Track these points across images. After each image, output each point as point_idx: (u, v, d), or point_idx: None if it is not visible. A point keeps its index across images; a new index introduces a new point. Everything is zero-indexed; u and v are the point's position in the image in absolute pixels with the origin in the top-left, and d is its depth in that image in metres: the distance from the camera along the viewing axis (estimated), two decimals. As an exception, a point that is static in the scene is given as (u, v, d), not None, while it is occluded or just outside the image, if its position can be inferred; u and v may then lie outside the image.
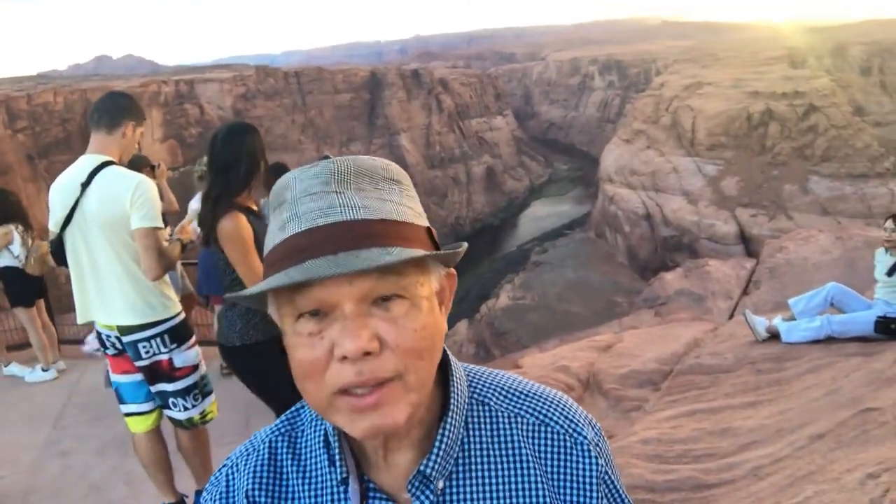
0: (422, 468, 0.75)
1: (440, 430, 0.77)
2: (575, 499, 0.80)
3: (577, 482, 0.81)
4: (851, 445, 3.28)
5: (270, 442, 0.84)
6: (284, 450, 0.83)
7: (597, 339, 6.12)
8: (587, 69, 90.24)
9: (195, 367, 3.24)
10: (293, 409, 0.87)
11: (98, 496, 4.24)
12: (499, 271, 51.16)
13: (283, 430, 0.85)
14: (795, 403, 4.02)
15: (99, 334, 3.20)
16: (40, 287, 6.14)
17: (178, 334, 3.14)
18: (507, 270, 49.90)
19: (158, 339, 3.08)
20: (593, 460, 0.81)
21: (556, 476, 0.80)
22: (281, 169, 4.81)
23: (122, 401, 3.32)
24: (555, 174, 78.59)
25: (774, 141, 46.92)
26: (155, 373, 3.14)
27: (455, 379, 0.80)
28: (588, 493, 0.81)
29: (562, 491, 0.80)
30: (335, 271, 0.65)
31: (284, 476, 0.82)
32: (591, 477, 0.81)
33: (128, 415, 3.34)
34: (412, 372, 0.69)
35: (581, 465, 0.81)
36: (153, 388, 3.22)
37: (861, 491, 2.73)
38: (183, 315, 3.22)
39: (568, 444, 0.81)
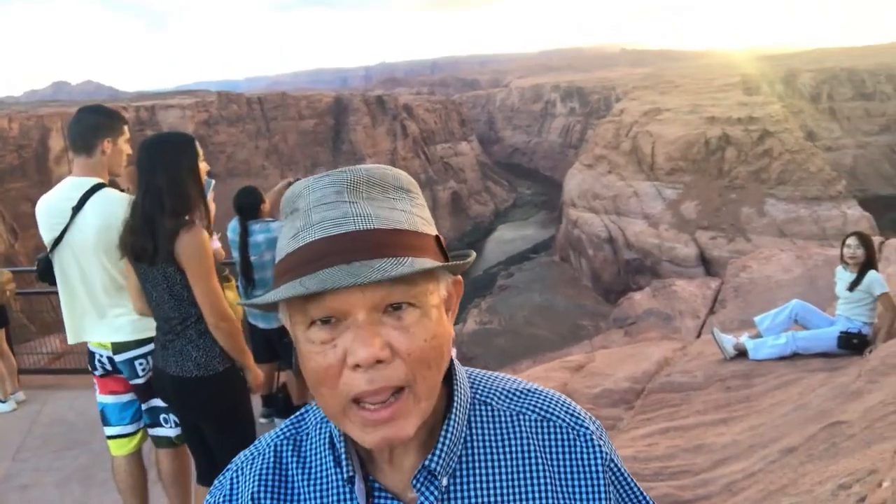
0: (427, 463, 0.76)
1: (444, 427, 0.78)
2: (582, 488, 0.81)
3: (584, 472, 0.82)
4: (822, 458, 3.35)
5: (276, 446, 0.85)
6: (289, 453, 0.84)
7: (569, 359, 6.16)
8: (549, 96, 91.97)
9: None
10: (298, 413, 0.88)
11: (60, 531, 4.08)
12: (465, 296, 50.14)
13: (288, 434, 0.86)
14: (766, 419, 4.10)
15: (91, 354, 3.15)
16: (1, 316, 5.94)
17: None
18: (474, 295, 50.00)
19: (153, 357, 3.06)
20: (597, 449, 0.82)
21: (561, 468, 0.81)
22: (252, 192, 4.73)
23: (106, 423, 3.25)
24: (519, 198, 79.46)
25: (731, 165, 48.32)
26: (150, 388, 3.09)
27: (458, 379, 0.82)
28: (595, 482, 0.82)
29: (568, 482, 0.81)
30: (350, 281, 0.66)
31: (289, 479, 0.83)
32: (596, 465, 0.82)
33: (111, 437, 3.26)
34: (421, 381, 0.71)
35: (586, 455, 0.82)
36: (145, 406, 3.15)
37: (833, 501, 2.79)
38: None
39: (571, 436, 0.82)
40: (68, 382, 6.43)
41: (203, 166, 2.76)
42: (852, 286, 4.96)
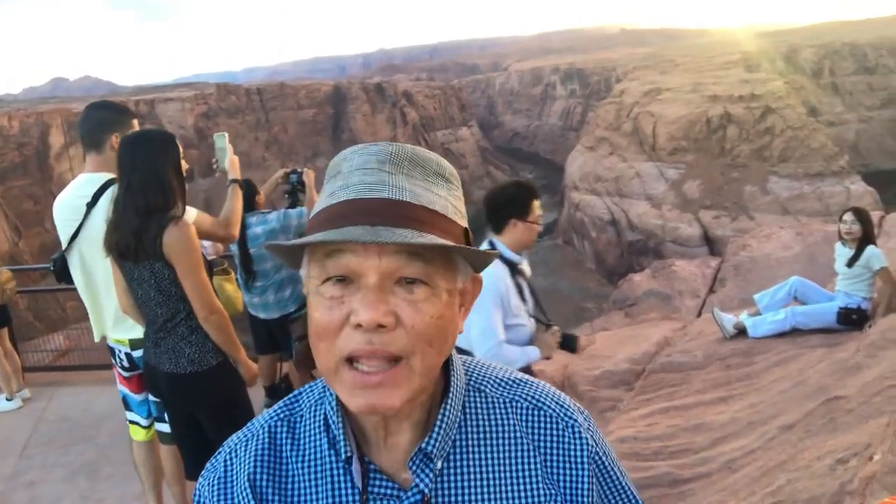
0: (423, 446, 0.78)
1: (441, 411, 0.80)
2: (567, 476, 0.84)
3: (569, 461, 0.84)
4: (820, 434, 3.37)
5: (270, 427, 0.85)
6: (284, 434, 0.84)
7: (569, 342, 6.18)
8: (549, 78, 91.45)
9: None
10: (292, 395, 0.89)
11: (68, 525, 4.13)
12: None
13: (281, 416, 0.86)
14: (765, 396, 4.11)
15: (112, 350, 3.22)
16: (2, 315, 5.96)
17: None
18: (478, 280, 50.06)
19: None
20: (584, 441, 0.85)
21: (549, 456, 0.84)
22: (246, 184, 4.72)
23: (127, 408, 3.36)
24: (521, 183, 79.31)
25: (733, 143, 48.07)
26: None
27: (454, 366, 0.84)
28: (580, 471, 0.84)
29: (554, 469, 0.84)
30: (369, 239, 0.68)
31: (284, 459, 0.83)
32: (582, 456, 0.84)
33: (132, 422, 3.37)
34: (419, 356, 0.72)
35: (572, 446, 0.84)
36: (153, 399, 3.19)
37: (831, 476, 2.80)
38: None
39: (560, 426, 0.85)
40: (72, 379, 6.48)
41: (184, 164, 2.76)
42: (851, 262, 4.95)
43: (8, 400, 5.90)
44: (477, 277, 0.82)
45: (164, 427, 3.20)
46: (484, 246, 2.87)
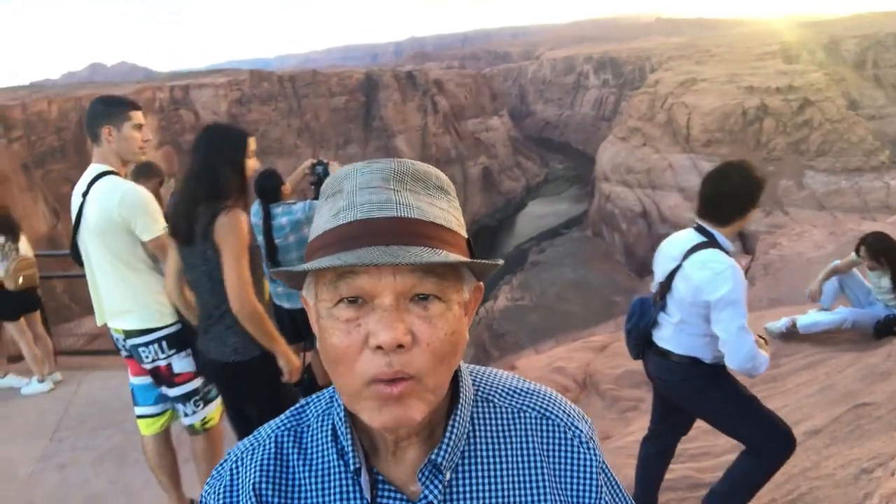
0: (433, 457, 0.79)
1: (450, 423, 0.80)
2: (578, 485, 0.85)
3: (580, 470, 0.85)
4: (846, 441, 3.30)
5: (276, 437, 0.86)
6: (290, 444, 0.85)
7: (592, 339, 6.12)
8: (582, 67, 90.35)
9: (196, 374, 3.21)
10: (298, 405, 0.89)
11: (96, 508, 4.23)
12: (496, 272, 50.98)
13: (288, 426, 0.86)
14: (791, 400, 4.03)
15: (112, 336, 3.28)
16: (28, 300, 6.08)
17: (177, 341, 3.14)
18: (505, 271, 49.86)
19: (156, 345, 3.10)
20: (591, 451, 0.86)
21: (559, 465, 0.85)
22: (272, 174, 4.75)
23: (135, 402, 3.39)
24: (551, 173, 78.61)
25: (769, 136, 47.04)
26: (157, 377, 3.18)
27: (462, 377, 0.85)
28: (591, 481, 0.85)
29: (565, 479, 0.85)
30: (387, 260, 0.68)
31: (291, 470, 0.83)
32: (592, 466, 0.86)
33: (139, 417, 3.40)
34: (431, 375, 0.72)
35: (581, 456, 0.85)
36: (160, 391, 3.26)
37: (855, 486, 2.74)
38: (180, 325, 3.17)
39: (568, 435, 0.86)
40: (103, 363, 6.61)
41: (251, 163, 2.83)
42: (893, 286, 4.84)
43: (40, 382, 6.05)
44: (479, 286, 0.83)
45: (182, 420, 3.27)
46: (697, 237, 2.69)
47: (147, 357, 3.12)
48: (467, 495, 0.81)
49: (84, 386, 6.08)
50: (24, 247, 5.98)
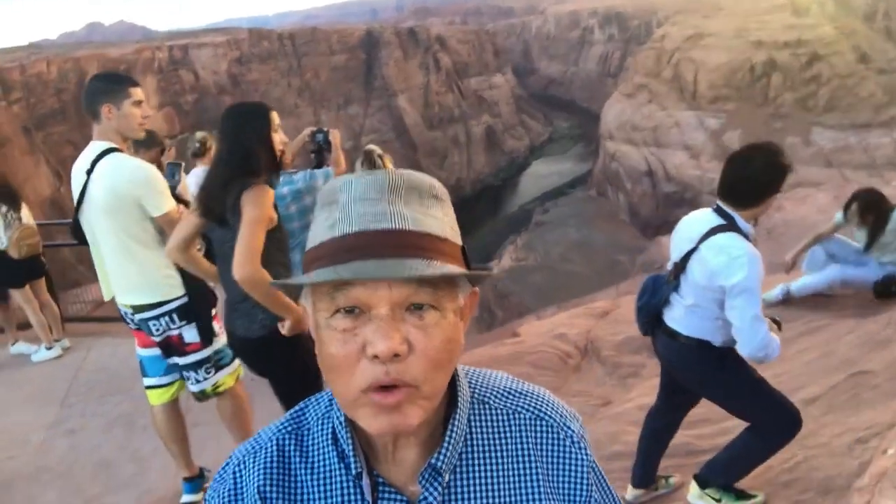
0: (433, 461, 0.81)
1: (449, 427, 0.83)
2: (570, 485, 0.88)
3: (572, 470, 0.89)
4: (843, 409, 3.33)
5: (278, 440, 0.87)
6: (292, 447, 0.86)
7: (594, 305, 6.15)
8: (587, 22, 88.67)
9: (206, 343, 3.28)
10: (297, 408, 0.91)
11: (106, 474, 4.33)
12: (500, 233, 51.13)
13: (289, 428, 0.88)
14: (790, 367, 4.06)
15: (119, 309, 3.33)
16: (33, 267, 6.13)
17: (185, 313, 3.20)
18: (509, 231, 49.90)
19: (166, 318, 3.17)
20: (583, 451, 0.90)
21: (552, 465, 0.88)
22: None
23: (144, 374, 3.45)
24: (555, 132, 77.92)
25: (777, 92, 46.37)
26: (168, 347, 3.24)
27: (460, 382, 0.87)
28: (583, 480, 0.89)
29: (558, 479, 0.88)
30: (383, 274, 0.70)
31: (293, 473, 0.85)
32: (583, 466, 0.89)
33: (148, 387, 3.47)
34: (429, 382, 0.74)
35: (573, 455, 0.89)
36: (169, 361, 3.32)
37: (849, 455, 2.79)
38: (186, 297, 3.22)
39: (561, 435, 0.89)
40: (111, 330, 6.69)
41: (278, 137, 2.85)
42: (869, 245, 4.83)
43: (48, 349, 6.14)
44: (475, 291, 0.84)
45: (190, 386, 3.33)
46: (715, 218, 2.64)
47: (157, 329, 3.17)
48: (466, 496, 0.83)
49: (93, 353, 6.17)
50: (26, 215, 6.01)
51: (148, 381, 3.45)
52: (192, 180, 5.11)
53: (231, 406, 3.42)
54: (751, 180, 2.59)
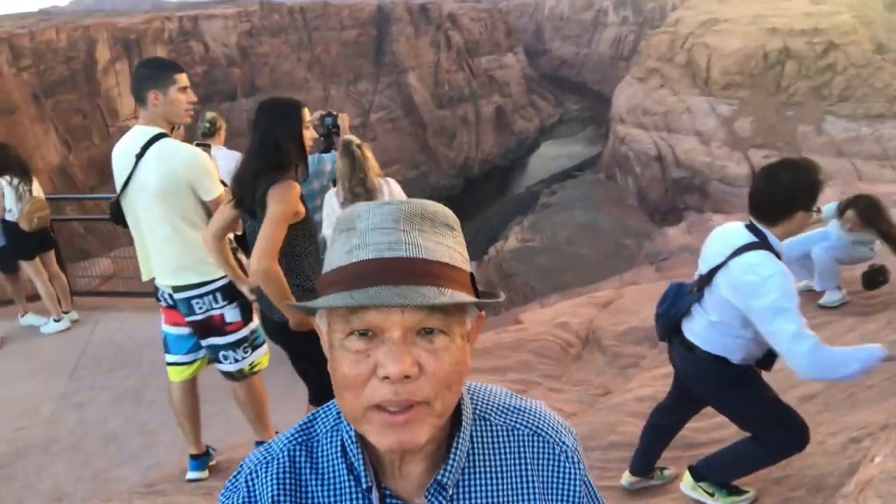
0: (439, 478, 0.87)
1: (454, 445, 0.88)
2: (563, 497, 0.94)
3: (566, 484, 0.95)
4: (839, 408, 3.38)
5: (289, 451, 0.91)
6: (303, 459, 0.90)
7: (597, 295, 6.19)
8: (601, 4, 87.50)
9: (246, 322, 3.41)
10: (306, 419, 0.96)
11: (115, 447, 4.43)
12: (507, 213, 51.00)
13: (300, 440, 0.92)
14: (789, 363, 4.10)
15: (156, 287, 3.46)
16: (42, 239, 6.20)
17: (228, 293, 3.32)
18: (516, 212, 49.74)
19: (210, 297, 3.29)
20: (576, 465, 0.96)
21: (548, 478, 0.94)
22: None
23: (167, 350, 3.57)
24: (566, 114, 77.30)
25: (791, 80, 45.81)
26: (207, 327, 3.35)
27: (464, 399, 0.91)
28: (574, 494, 0.95)
29: (552, 490, 0.94)
30: (397, 301, 0.74)
31: (304, 484, 0.89)
32: (575, 479, 0.95)
33: (170, 364, 3.58)
34: (440, 400, 0.79)
35: (566, 469, 0.95)
36: (204, 342, 3.42)
37: (842, 455, 2.84)
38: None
39: (556, 451, 0.95)
40: (119, 305, 6.78)
41: (308, 133, 3.00)
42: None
43: (56, 321, 6.24)
44: (481, 315, 0.88)
45: (222, 367, 3.45)
46: (747, 235, 2.56)
47: (201, 308, 3.29)
48: None
49: (100, 327, 6.26)
50: (36, 188, 6.07)
51: (170, 358, 3.56)
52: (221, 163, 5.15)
53: (248, 392, 3.53)
54: (776, 196, 2.53)
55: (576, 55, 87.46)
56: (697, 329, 2.72)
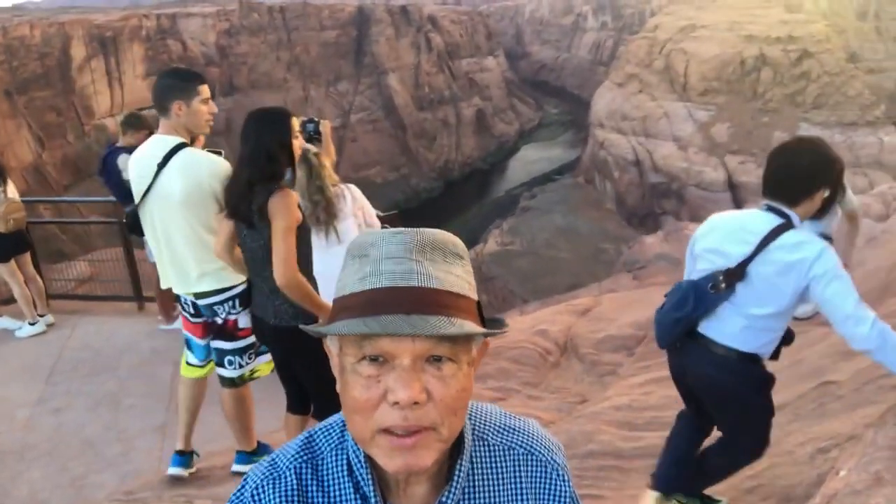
0: (443, 500, 0.91)
1: (458, 467, 0.92)
2: None
3: (556, 500, 1.00)
4: (808, 418, 3.47)
5: (296, 468, 0.94)
6: (309, 476, 0.93)
7: (576, 302, 6.27)
8: (581, 8, 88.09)
9: (253, 331, 3.47)
10: (306, 436, 0.99)
11: (92, 453, 4.40)
12: (487, 216, 51.09)
13: (305, 458, 0.95)
14: (761, 372, 4.18)
15: (178, 296, 3.54)
16: (18, 242, 6.13)
17: (245, 300, 3.38)
18: (496, 215, 49.86)
19: (230, 302, 3.38)
20: (566, 483, 1.01)
21: (540, 495, 0.99)
22: None
23: (188, 347, 3.66)
24: (545, 118, 77.67)
25: (766, 87, 46.55)
26: (221, 330, 3.43)
27: (465, 422, 0.95)
28: None
29: None
30: (408, 331, 0.78)
31: (310, 500, 0.92)
32: (565, 496, 1.00)
33: (188, 364, 3.69)
34: (446, 426, 0.83)
35: (558, 487, 1.00)
36: (213, 344, 3.50)
37: (810, 465, 2.92)
38: (245, 284, 3.38)
39: (548, 470, 1.00)
40: (95, 309, 6.71)
41: (297, 143, 3.06)
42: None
43: (31, 324, 6.16)
44: (486, 341, 0.93)
45: (224, 372, 3.51)
46: (773, 218, 2.44)
47: (222, 312, 3.36)
48: None
49: (77, 331, 6.19)
50: (11, 189, 6.00)
51: (189, 359, 3.67)
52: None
53: (237, 401, 3.58)
54: (798, 174, 2.44)
55: (556, 59, 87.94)
56: (727, 327, 2.52)
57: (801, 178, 2.44)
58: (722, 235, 2.56)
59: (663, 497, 2.98)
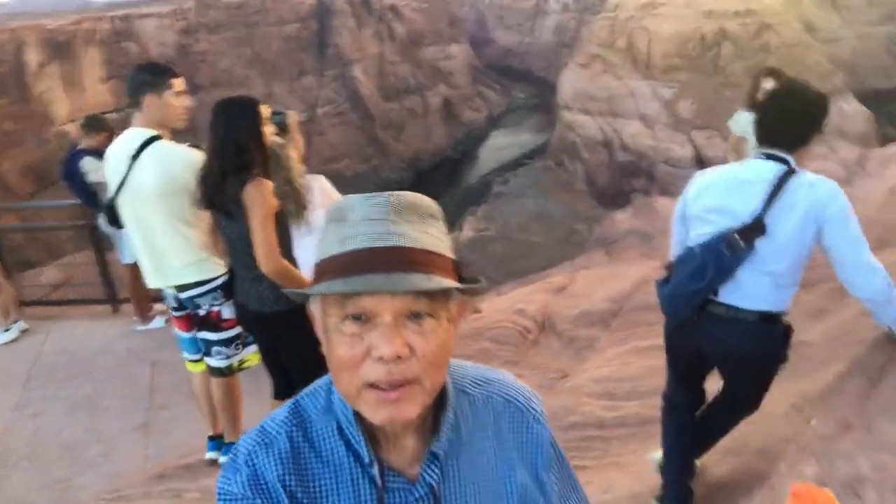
0: (434, 449, 0.95)
1: (444, 418, 0.96)
2: (538, 458, 1.05)
3: (537, 444, 1.05)
4: (782, 378, 3.56)
5: (287, 432, 0.97)
6: (300, 439, 0.96)
7: (551, 281, 6.34)
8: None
9: (239, 321, 3.48)
10: (293, 402, 1.01)
11: (72, 456, 4.38)
12: (460, 204, 51.02)
13: (295, 422, 0.98)
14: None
15: (160, 292, 3.60)
16: None
17: (228, 290, 3.40)
18: (469, 203, 49.87)
19: (213, 294, 3.40)
20: (545, 428, 1.07)
21: (522, 440, 1.04)
22: None
23: (181, 348, 3.74)
24: (513, 103, 77.64)
25: (727, 61, 47.05)
26: (205, 321, 3.45)
27: (448, 378, 0.99)
28: (545, 452, 1.06)
29: (527, 451, 1.04)
30: (389, 287, 0.82)
31: (304, 462, 0.95)
32: (546, 440, 1.06)
33: (187, 360, 3.76)
34: (429, 378, 0.87)
35: (537, 431, 1.06)
36: (199, 335, 3.53)
37: (785, 421, 3.01)
38: (228, 275, 3.40)
39: (527, 416, 1.06)
40: (69, 314, 6.63)
41: (267, 130, 3.06)
42: None
43: (5, 331, 6.07)
44: (464, 300, 0.96)
45: (212, 362, 3.55)
46: (775, 166, 2.36)
47: (204, 304, 3.39)
48: (456, 474, 0.97)
49: (52, 336, 6.13)
50: (-23, 199, 5.88)
51: (184, 355, 3.74)
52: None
53: (226, 391, 3.63)
54: (797, 116, 2.39)
55: (519, 43, 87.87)
56: (752, 289, 2.39)
57: (798, 122, 2.39)
58: (722, 192, 2.43)
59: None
